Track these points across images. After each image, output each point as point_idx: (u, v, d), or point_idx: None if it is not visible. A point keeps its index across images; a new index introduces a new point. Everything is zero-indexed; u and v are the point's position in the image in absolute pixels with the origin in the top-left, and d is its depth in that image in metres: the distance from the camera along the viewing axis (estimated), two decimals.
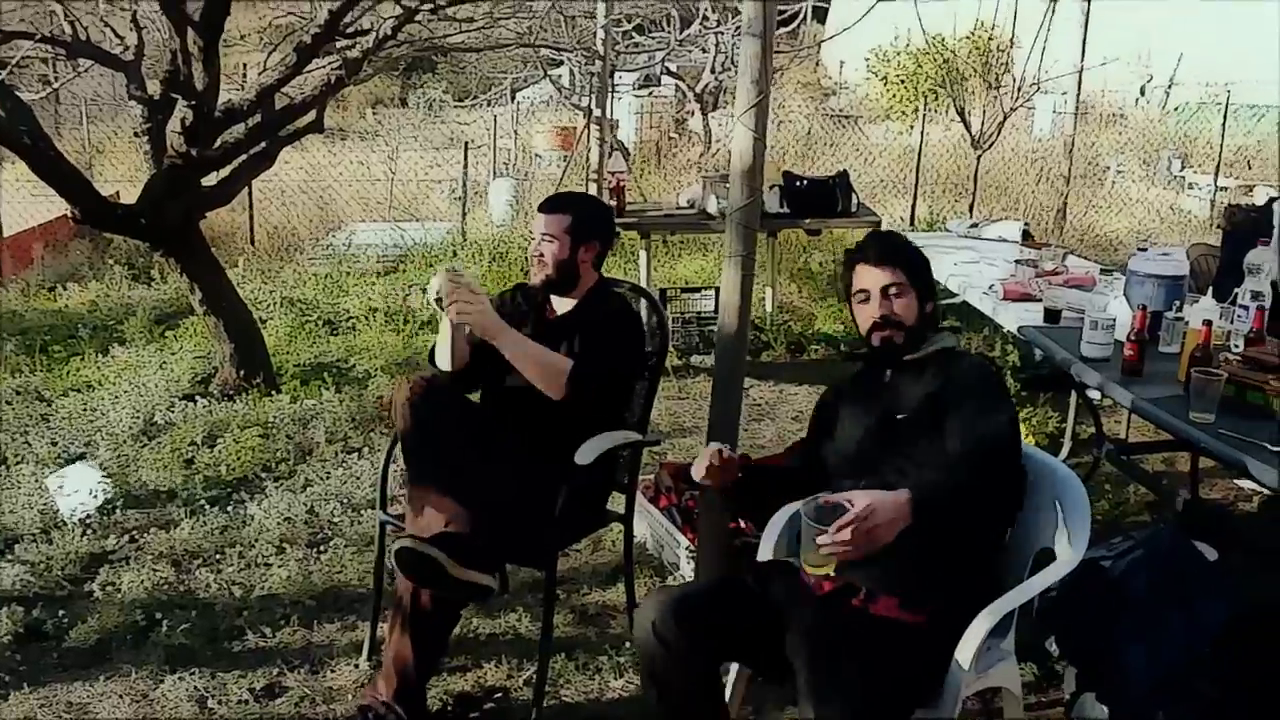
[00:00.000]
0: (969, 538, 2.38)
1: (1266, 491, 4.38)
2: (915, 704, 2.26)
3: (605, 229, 3.27)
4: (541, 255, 3.13)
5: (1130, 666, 2.88)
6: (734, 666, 2.64)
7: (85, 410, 5.09)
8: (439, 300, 2.86)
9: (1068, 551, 2.43)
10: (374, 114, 18.04)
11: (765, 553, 2.64)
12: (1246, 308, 3.62)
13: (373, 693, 2.83)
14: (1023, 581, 2.42)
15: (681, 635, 2.30)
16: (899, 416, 2.49)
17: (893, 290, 2.56)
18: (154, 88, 5.23)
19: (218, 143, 5.12)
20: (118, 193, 8.11)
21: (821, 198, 6.27)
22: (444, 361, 3.04)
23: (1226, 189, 11.23)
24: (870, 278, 2.58)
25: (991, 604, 2.28)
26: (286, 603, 3.49)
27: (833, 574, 2.21)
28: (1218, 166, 11.73)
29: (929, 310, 2.61)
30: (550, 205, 3.19)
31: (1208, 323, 3.38)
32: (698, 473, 2.51)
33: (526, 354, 2.94)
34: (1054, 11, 9.76)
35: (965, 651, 2.25)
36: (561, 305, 3.19)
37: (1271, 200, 5.75)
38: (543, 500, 2.89)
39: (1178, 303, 3.79)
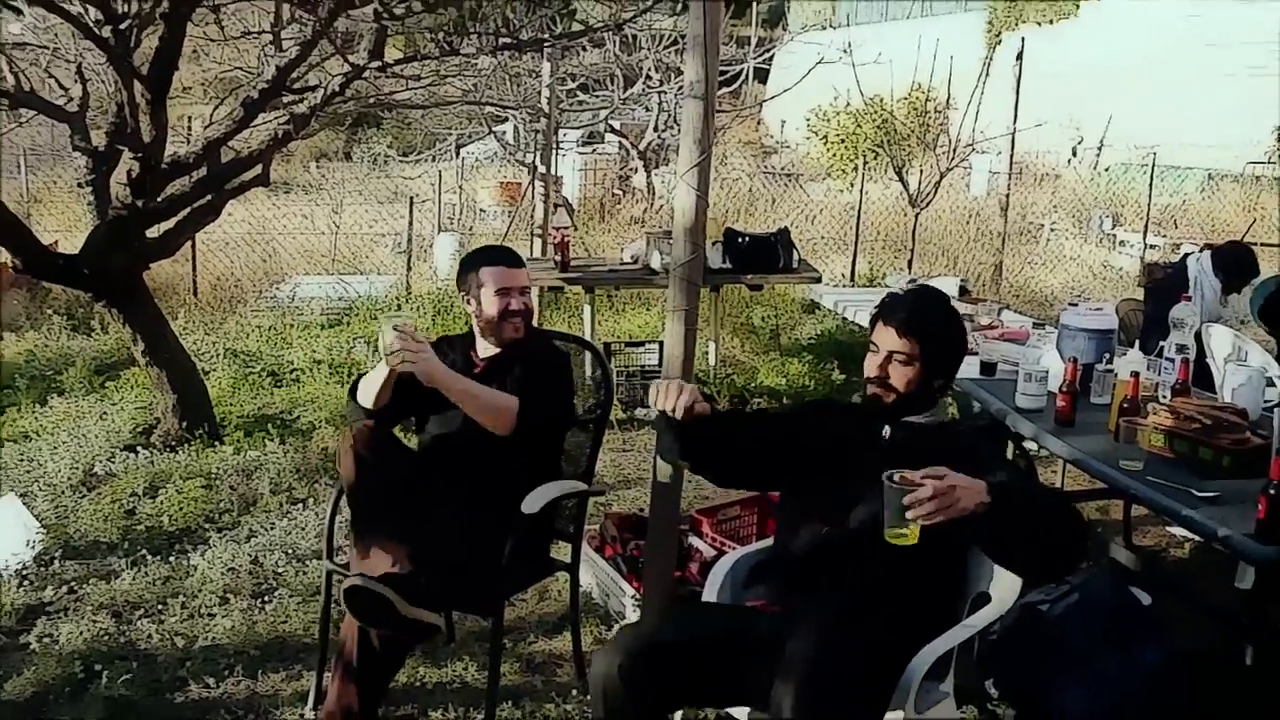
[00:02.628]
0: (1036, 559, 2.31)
1: (1197, 539, 4.51)
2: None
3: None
4: (524, 310, 3.17)
5: (1068, 708, 2.95)
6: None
7: (22, 460, 5.02)
8: (391, 354, 2.89)
9: (1002, 594, 2.49)
10: (318, 167, 18.07)
11: (710, 592, 2.69)
12: (1172, 360, 3.76)
13: None
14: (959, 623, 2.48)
15: (647, 679, 2.32)
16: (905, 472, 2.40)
17: (899, 359, 2.52)
18: (98, 139, 5.22)
19: (163, 195, 5.12)
20: (56, 243, 8.00)
21: (763, 254, 6.39)
22: (367, 399, 3.05)
23: (1156, 247, 11.58)
24: (885, 337, 2.55)
25: (930, 643, 2.34)
26: (230, 653, 3.46)
27: (913, 540, 2.15)
28: (1146, 225, 12.09)
29: (937, 386, 2.58)
30: (514, 258, 3.24)
31: (1136, 374, 3.51)
32: (668, 402, 2.44)
33: (472, 394, 2.98)
34: (988, 75, 10.09)
35: (918, 668, 2.31)
36: (486, 350, 3.22)
37: (1185, 255, 5.98)
38: (489, 549, 2.91)
39: (1108, 355, 3.92)
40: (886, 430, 2.57)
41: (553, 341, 3.39)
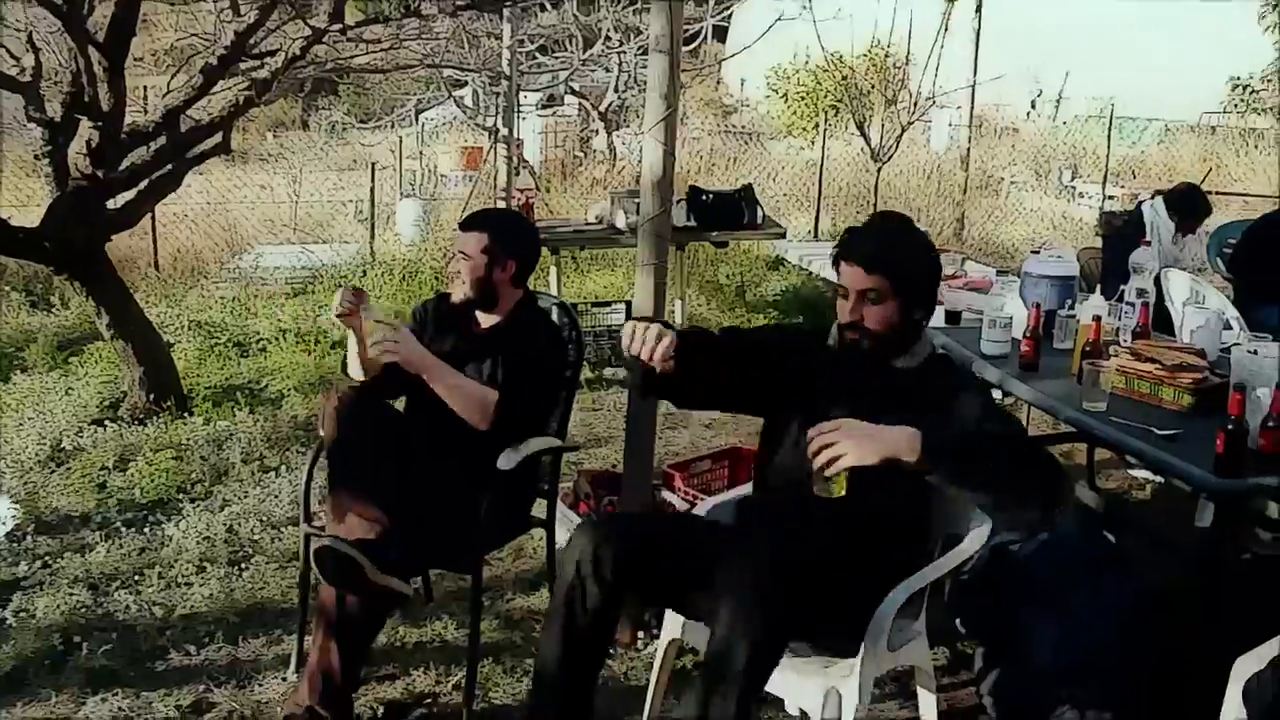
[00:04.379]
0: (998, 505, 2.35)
1: (1159, 481, 4.61)
2: (816, 634, 2.39)
3: (524, 247, 3.26)
4: (459, 274, 3.17)
5: (1036, 646, 3.02)
6: (664, 637, 2.72)
7: None
8: (340, 315, 2.94)
9: (972, 534, 2.55)
10: (275, 137, 17.84)
11: None
12: (1133, 304, 3.83)
13: (296, 700, 2.84)
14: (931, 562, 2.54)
15: (617, 570, 2.36)
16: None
17: (871, 296, 2.41)
18: (53, 109, 5.15)
19: (123, 165, 5.07)
20: (11, 218, 7.91)
21: (727, 211, 6.42)
22: (356, 373, 3.09)
23: (1114, 198, 11.70)
24: (851, 277, 2.42)
25: (902, 582, 2.39)
26: (210, 620, 3.47)
27: (841, 491, 2.19)
28: (1105, 176, 12.21)
29: (918, 317, 2.47)
30: (469, 223, 3.22)
31: (1097, 318, 3.57)
32: (645, 350, 2.31)
33: (452, 387, 2.99)
34: (947, 29, 10.11)
35: (889, 607, 2.37)
36: (486, 320, 3.22)
37: (1140, 202, 6.10)
38: (467, 506, 2.94)
39: (1069, 301, 3.98)
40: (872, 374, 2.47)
41: (554, 324, 3.37)
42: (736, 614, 2.18)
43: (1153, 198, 5.93)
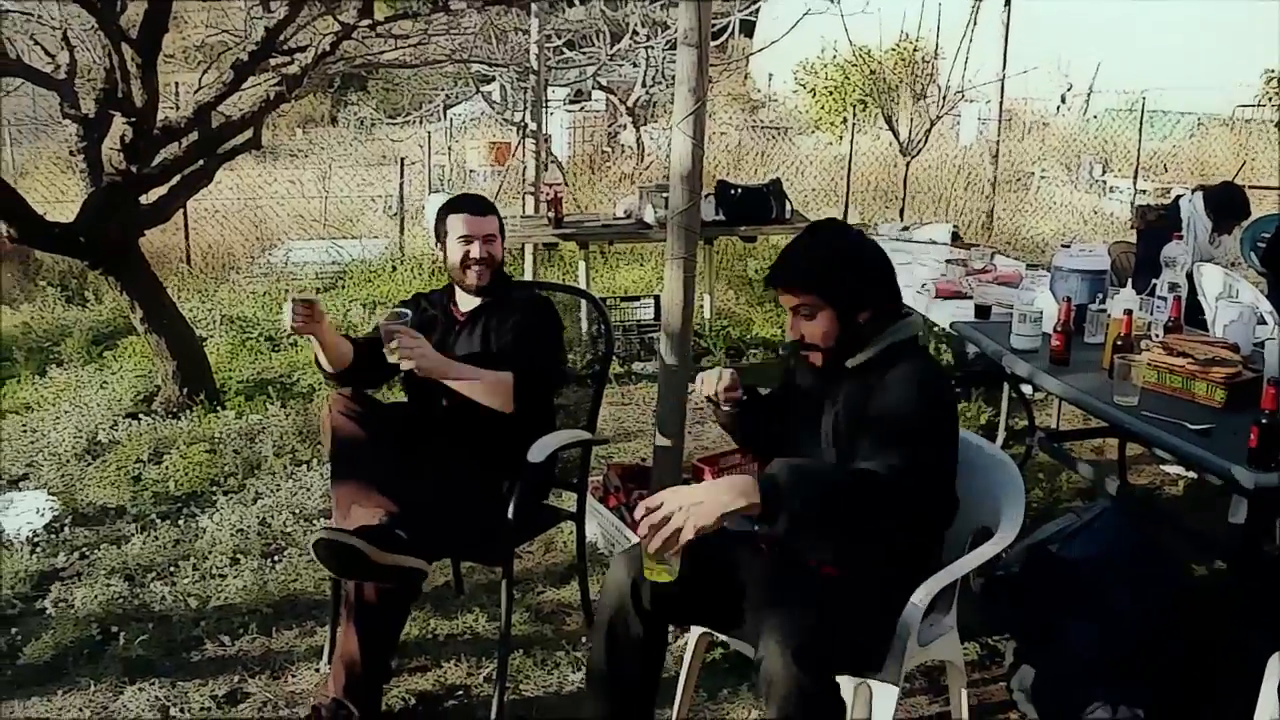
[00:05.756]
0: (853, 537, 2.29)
1: (1191, 476, 4.58)
2: (860, 664, 2.36)
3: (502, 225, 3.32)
4: (489, 257, 3.16)
5: (1071, 642, 3.00)
6: (693, 632, 2.73)
7: (25, 432, 5.05)
8: (294, 329, 2.94)
9: (1003, 528, 2.54)
10: (304, 133, 17.93)
11: None
12: (1164, 298, 3.81)
13: (324, 691, 2.87)
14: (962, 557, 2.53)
15: (653, 597, 2.38)
16: (844, 428, 2.41)
17: (803, 311, 2.41)
18: (87, 106, 5.21)
19: (156, 160, 5.11)
20: (45, 215, 8.00)
21: (756, 205, 6.42)
22: (325, 365, 3.11)
23: (1145, 192, 11.60)
24: (782, 298, 2.45)
25: (933, 576, 2.39)
26: (244, 612, 3.52)
27: (670, 578, 2.09)
28: (1136, 171, 12.11)
29: (863, 319, 2.40)
30: (480, 206, 3.23)
31: (1128, 312, 3.55)
32: (709, 388, 2.53)
33: (472, 382, 2.99)
34: (976, 23, 10.05)
35: (914, 610, 2.35)
36: (467, 302, 3.23)
37: (1178, 197, 6.03)
38: (495, 499, 2.95)
39: (1100, 295, 3.96)
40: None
41: (536, 292, 3.38)
42: (785, 666, 2.13)
43: (1192, 193, 5.86)
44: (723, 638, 2.66)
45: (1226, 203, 5.75)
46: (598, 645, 2.49)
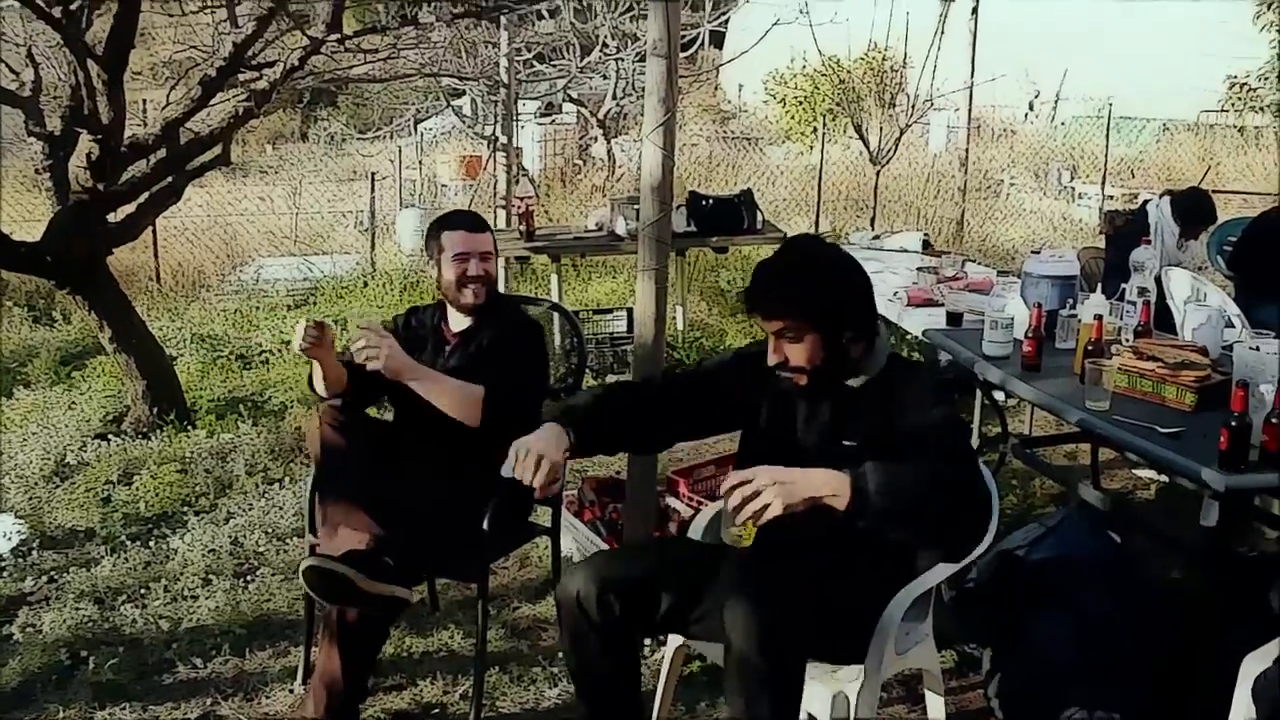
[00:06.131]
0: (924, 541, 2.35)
1: (1163, 480, 4.61)
2: (832, 654, 2.38)
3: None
4: (484, 275, 3.14)
5: (1044, 646, 3.01)
6: (670, 644, 2.72)
7: None
8: (303, 350, 2.90)
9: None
10: (274, 149, 17.86)
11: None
12: (1134, 303, 3.83)
13: (302, 712, 2.84)
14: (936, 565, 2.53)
15: (602, 608, 2.36)
16: (845, 443, 2.35)
17: (788, 335, 2.33)
18: (53, 123, 5.17)
19: (123, 178, 5.07)
20: (12, 233, 7.92)
21: (727, 216, 6.43)
22: (321, 389, 3.08)
23: (1113, 198, 11.70)
24: (761, 323, 2.37)
25: (909, 584, 2.39)
26: (216, 633, 3.47)
27: (748, 541, 2.16)
28: (1104, 177, 12.21)
29: (847, 339, 2.35)
30: (476, 223, 3.22)
31: (1099, 317, 3.57)
32: (525, 476, 2.30)
33: (439, 388, 2.99)
34: (943, 32, 10.12)
35: (892, 614, 2.36)
36: (458, 321, 3.21)
37: (1145, 202, 6.09)
38: (470, 514, 2.93)
39: (1071, 301, 3.98)
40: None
41: (527, 313, 3.36)
42: (749, 642, 2.15)
43: (1160, 198, 5.91)
44: (699, 649, 2.65)
45: (1193, 208, 5.81)
46: (570, 661, 2.50)
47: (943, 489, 2.15)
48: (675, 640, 2.69)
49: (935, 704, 2.72)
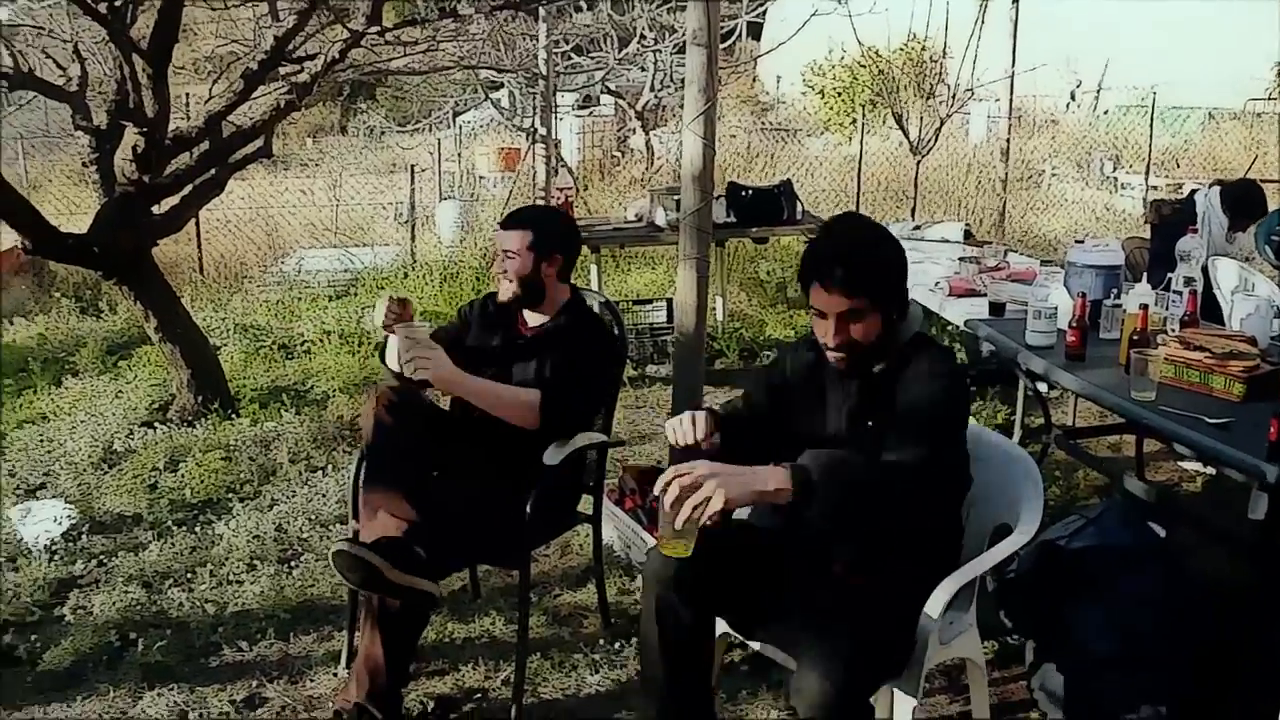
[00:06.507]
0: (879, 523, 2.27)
1: (1210, 473, 4.56)
2: (886, 674, 2.35)
3: (567, 241, 3.27)
4: (505, 272, 3.18)
5: (1086, 636, 2.99)
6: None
7: (42, 441, 5.07)
8: (387, 326, 2.96)
9: (1023, 525, 2.53)
10: (314, 142, 18.00)
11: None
12: (1180, 293, 3.79)
13: (345, 696, 2.87)
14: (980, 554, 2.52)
15: (684, 584, 2.37)
16: (869, 423, 2.38)
17: (853, 316, 2.32)
18: (99, 117, 5.23)
19: (167, 170, 5.13)
20: (60, 226, 8.03)
21: (767, 206, 6.41)
22: (393, 363, 3.10)
23: (1157, 188, 11.56)
24: (829, 301, 2.31)
25: (953, 573, 2.38)
26: (261, 617, 3.52)
27: (686, 554, 2.11)
28: (1148, 167, 12.07)
29: (895, 318, 2.38)
30: (510, 221, 3.23)
31: (1144, 307, 3.53)
32: (686, 437, 2.35)
33: (492, 398, 3.02)
34: (984, 21, 10.02)
35: (934, 607, 2.34)
36: (534, 319, 3.24)
37: (1193, 191, 5.99)
38: (513, 501, 2.95)
39: (1115, 290, 3.95)
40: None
41: (599, 316, 3.35)
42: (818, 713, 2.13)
43: (1209, 187, 5.81)
44: (740, 638, 2.65)
45: (1244, 198, 5.70)
46: (648, 641, 2.46)
47: (892, 474, 2.17)
48: (719, 628, 2.70)
49: (979, 695, 2.71)
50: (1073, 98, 16.74)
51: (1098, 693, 2.91)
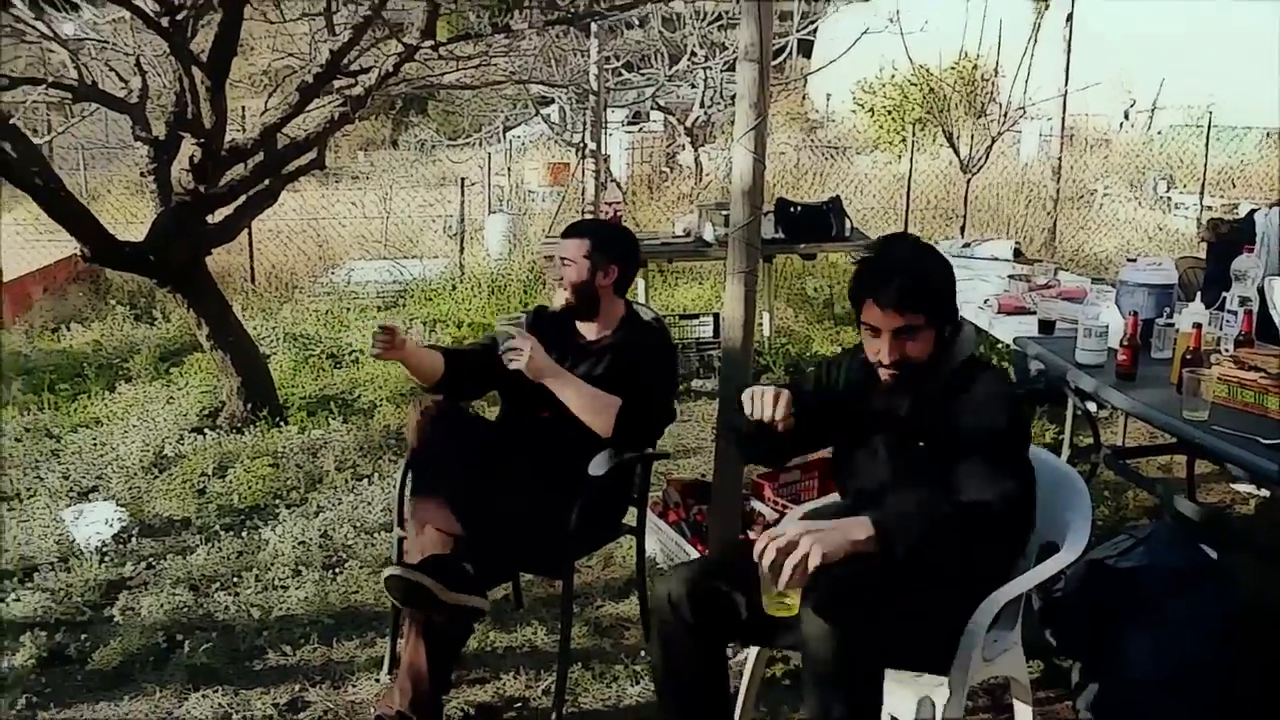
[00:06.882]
0: (952, 570, 2.31)
1: (1263, 495, 4.48)
2: (920, 662, 2.37)
3: (625, 253, 3.27)
4: (560, 279, 3.21)
5: (1135, 662, 2.94)
6: (753, 650, 2.71)
7: (95, 445, 5.15)
8: (377, 356, 3.02)
9: (1071, 543, 2.50)
10: (365, 156, 18.21)
11: None
12: (1235, 312, 3.73)
13: (387, 703, 2.88)
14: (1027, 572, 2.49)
15: (693, 611, 2.38)
16: (920, 444, 2.38)
17: (908, 334, 2.32)
18: (158, 129, 5.33)
19: (223, 181, 5.22)
20: (117, 235, 8.18)
21: (815, 223, 6.41)
22: (419, 380, 3.18)
23: (1212, 208, 11.39)
24: (882, 319, 2.32)
25: (1000, 589, 2.35)
26: (305, 622, 3.55)
27: (793, 611, 2.13)
28: (1203, 186, 11.90)
29: (948, 334, 2.41)
30: (571, 230, 3.28)
31: (1198, 326, 3.48)
32: (766, 412, 2.33)
33: (577, 394, 3.03)
34: (1036, 40, 9.96)
35: (980, 619, 2.32)
36: (590, 331, 3.25)
37: (1251, 211, 5.89)
38: (559, 511, 2.96)
39: (1168, 310, 3.89)
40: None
41: (663, 332, 3.35)
42: (825, 651, 2.16)
43: (1271, 207, 5.71)
44: (784, 653, 2.65)
45: None
46: (658, 663, 2.51)
47: (983, 519, 2.18)
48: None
49: (1023, 713, 2.67)
50: (1126, 117, 16.56)
51: (1144, 716, 2.86)
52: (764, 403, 2.33)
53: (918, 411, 2.40)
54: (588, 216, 8.32)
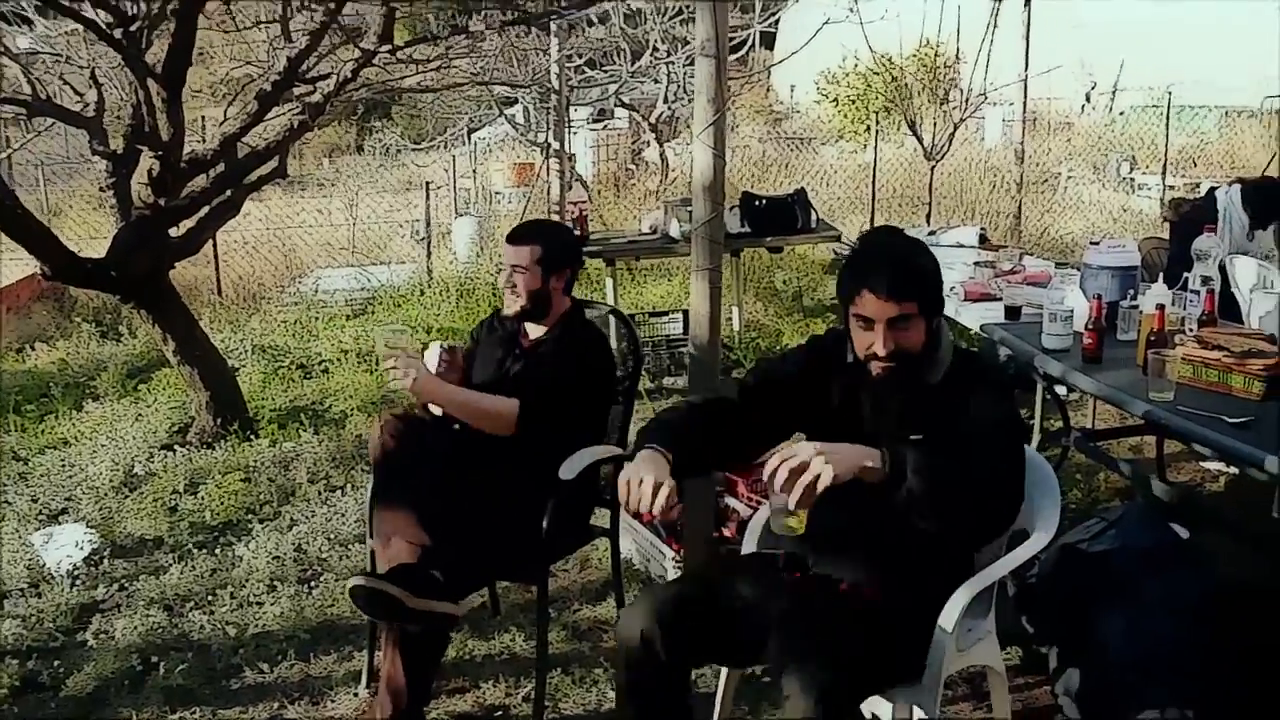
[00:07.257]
0: (952, 527, 2.26)
1: (1232, 472, 4.52)
2: (894, 680, 2.34)
3: (574, 255, 3.31)
4: (515, 287, 3.19)
5: (1110, 645, 2.96)
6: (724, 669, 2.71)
7: (64, 466, 5.10)
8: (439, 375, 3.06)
9: (1040, 528, 2.51)
10: (330, 162, 18.08)
11: (749, 547, 2.72)
12: (1197, 292, 3.76)
13: (368, 717, 2.87)
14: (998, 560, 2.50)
15: (663, 638, 2.31)
16: (913, 438, 2.29)
17: (901, 324, 2.30)
18: (116, 142, 5.27)
19: (184, 193, 5.17)
20: (80, 251, 8.08)
21: (781, 215, 6.40)
22: (434, 409, 3.18)
23: (1174, 188, 11.49)
24: (877, 308, 2.29)
25: (970, 579, 2.36)
26: (282, 638, 3.53)
27: (800, 529, 2.11)
28: (1164, 167, 11.99)
29: (937, 325, 2.38)
30: (518, 236, 3.23)
31: (1161, 307, 3.50)
32: (639, 506, 2.21)
33: (467, 408, 3.07)
34: (996, 25, 9.99)
35: (948, 617, 2.33)
36: (535, 331, 3.26)
37: (1212, 189, 5.94)
38: (531, 517, 2.95)
39: (1132, 291, 3.92)
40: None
41: (591, 324, 3.35)
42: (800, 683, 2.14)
43: (1230, 185, 5.75)
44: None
45: (1265, 199, 5.62)
46: (622, 690, 2.46)
47: (976, 483, 2.18)
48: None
49: (1000, 701, 2.69)
50: (1087, 99, 16.67)
51: (1122, 697, 2.88)
52: (642, 494, 2.18)
53: (915, 405, 2.36)
54: (554, 216, 8.31)
